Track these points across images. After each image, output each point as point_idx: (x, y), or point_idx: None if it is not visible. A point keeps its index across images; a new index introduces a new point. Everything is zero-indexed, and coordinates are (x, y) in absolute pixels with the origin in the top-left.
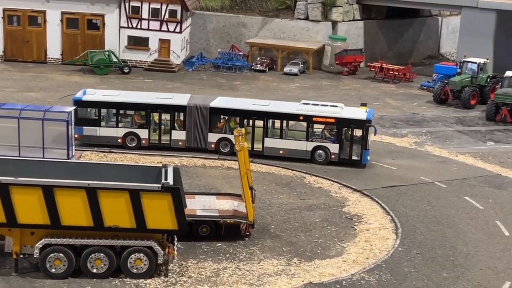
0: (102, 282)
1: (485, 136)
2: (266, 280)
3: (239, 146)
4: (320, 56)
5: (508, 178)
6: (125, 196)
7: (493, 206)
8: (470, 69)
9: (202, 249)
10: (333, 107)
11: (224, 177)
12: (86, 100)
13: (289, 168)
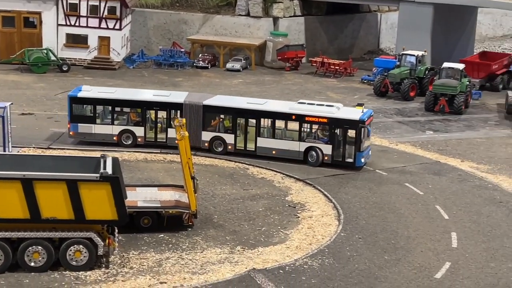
0: (40, 275)
1: (424, 126)
2: (209, 268)
3: (179, 135)
4: (262, 52)
5: (447, 165)
6: (63, 187)
7: (433, 191)
8: (409, 62)
9: (144, 240)
10: (328, 107)
11: (166, 170)
12: (81, 97)
13: (232, 160)
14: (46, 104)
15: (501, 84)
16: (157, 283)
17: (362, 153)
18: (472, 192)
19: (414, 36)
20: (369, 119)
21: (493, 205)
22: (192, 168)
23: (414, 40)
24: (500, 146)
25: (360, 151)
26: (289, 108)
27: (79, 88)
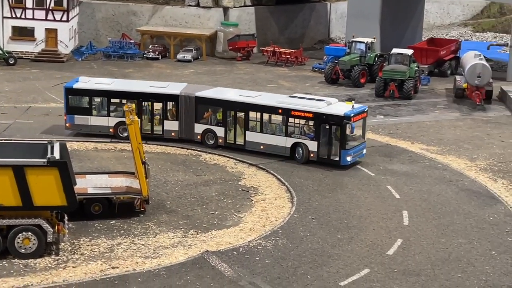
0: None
1: (375, 111)
2: (162, 252)
3: (129, 120)
4: (213, 42)
5: (398, 147)
6: (9, 173)
7: (384, 172)
8: (359, 49)
9: (95, 227)
10: (317, 101)
11: (117, 158)
12: (77, 88)
13: (185, 148)
14: None
15: (449, 69)
16: (109, 268)
17: (348, 151)
18: (422, 172)
19: (363, 24)
20: (358, 116)
21: (443, 184)
22: (143, 153)
23: (363, 28)
24: (449, 128)
25: (345, 149)
26: (276, 101)
27: (77, 79)
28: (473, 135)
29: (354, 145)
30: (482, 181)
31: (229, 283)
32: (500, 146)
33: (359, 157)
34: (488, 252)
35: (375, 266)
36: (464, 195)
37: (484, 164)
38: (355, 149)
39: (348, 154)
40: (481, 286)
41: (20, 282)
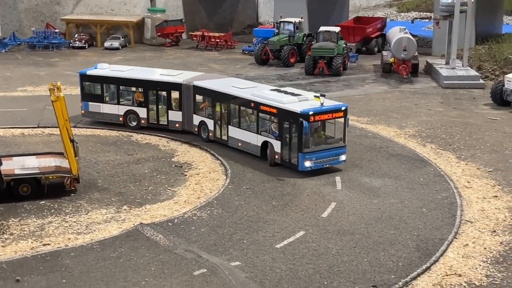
0: None
1: (306, 88)
2: (95, 228)
3: (54, 96)
4: (141, 29)
5: None
6: None
7: None
8: (287, 29)
9: (24, 208)
10: (292, 96)
11: (45, 143)
12: (90, 74)
13: (115, 129)
14: None
15: (376, 47)
16: (40, 245)
17: (307, 154)
18: (353, 141)
19: (290, 6)
20: (323, 115)
21: (374, 151)
22: (71, 130)
23: (291, 9)
24: (378, 100)
25: (303, 152)
26: (251, 94)
27: (96, 66)
28: (401, 105)
29: (321, 149)
30: (411, 147)
31: (164, 252)
32: (427, 114)
33: (332, 163)
34: (419, 209)
35: (310, 228)
36: (394, 160)
37: (412, 131)
38: (321, 154)
39: (307, 158)
40: (414, 241)
41: None
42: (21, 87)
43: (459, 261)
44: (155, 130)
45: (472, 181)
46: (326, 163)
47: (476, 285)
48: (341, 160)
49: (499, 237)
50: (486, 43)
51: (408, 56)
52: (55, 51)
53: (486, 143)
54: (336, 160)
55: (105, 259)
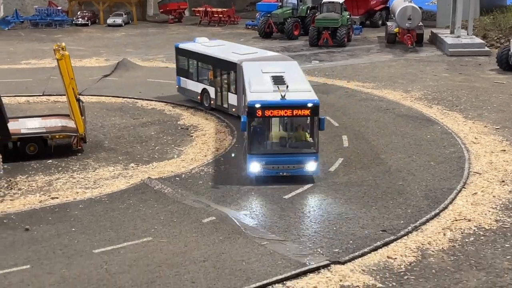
0: None
1: (310, 58)
2: (103, 183)
3: (59, 55)
4: (143, 6)
5: (334, 85)
6: None
7: (322, 106)
8: (291, 3)
9: (31, 166)
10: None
11: (50, 109)
12: (181, 48)
13: (120, 96)
14: None
15: (380, 20)
16: (49, 198)
17: (256, 156)
18: (359, 104)
19: None
20: (278, 110)
21: (380, 112)
22: (76, 89)
23: None
24: (383, 68)
25: (252, 153)
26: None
27: (195, 40)
28: (407, 72)
29: (275, 152)
30: (418, 108)
31: (173, 203)
32: (433, 79)
33: (293, 172)
34: (427, 163)
35: (317, 181)
36: (401, 120)
37: (418, 94)
38: (275, 159)
39: (255, 161)
40: (422, 190)
41: None
42: (25, 60)
43: (468, 208)
44: (177, 100)
45: (479, 137)
46: (282, 171)
47: (485, 228)
48: (309, 170)
49: (508, 186)
50: (490, 13)
51: (413, 25)
52: (58, 28)
53: (492, 104)
54: (299, 169)
55: (113, 210)
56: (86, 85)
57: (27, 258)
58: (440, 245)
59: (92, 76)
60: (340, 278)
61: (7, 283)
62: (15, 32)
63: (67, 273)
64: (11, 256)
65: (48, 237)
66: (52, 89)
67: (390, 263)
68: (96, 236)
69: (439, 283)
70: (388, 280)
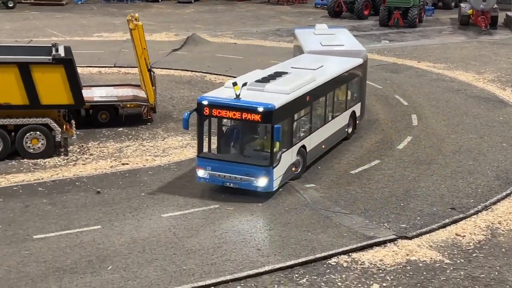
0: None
1: (380, 38)
2: (171, 152)
3: (133, 25)
4: None
5: (404, 65)
6: (14, 71)
7: (391, 85)
8: None
9: (102, 133)
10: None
11: (121, 80)
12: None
13: (189, 70)
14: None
15: (453, 1)
16: (119, 164)
17: (201, 160)
18: (430, 84)
19: None
20: (227, 111)
21: (451, 93)
22: (148, 59)
23: None
24: (455, 49)
25: (199, 156)
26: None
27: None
28: (480, 54)
29: (223, 159)
30: (490, 90)
31: None
32: (507, 62)
33: (240, 185)
34: (499, 144)
35: (385, 158)
36: (473, 101)
37: (492, 76)
38: (221, 166)
39: (201, 166)
40: (493, 171)
41: (31, 177)
42: (97, 33)
43: None
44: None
45: None
46: (229, 181)
47: None
48: (258, 185)
49: None
50: None
51: (488, 7)
52: (129, 3)
53: None
54: (248, 183)
55: (181, 178)
56: (156, 58)
57: (98, 219)
58: (510, 225)
59: (162, 50)
60: (407, 252)
61: (79, 242)
62: (88, 6)
63: (136, 234)
64: (83, 217)
65: (119, 200)
66: (123, 61)
67: (459, 241)
68: (165, 201)
69: (509, 262)
70: (456, 257)
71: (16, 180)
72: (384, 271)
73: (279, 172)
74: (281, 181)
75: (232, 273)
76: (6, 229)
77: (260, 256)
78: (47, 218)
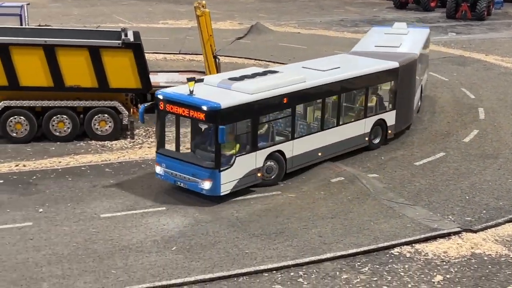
0: (66, 144)
1: (447, 30)
2: None
3: (200, 11)
4: None
5: (471, 58)
6: (85, 54)
7: (458, 78)
8: None
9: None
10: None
11: (186, 66)
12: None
13: (252, 58)
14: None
15: None
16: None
17: (158, 156)
18: (498, 78)
19: None
20: (178, 107)
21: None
22: (214, 46)
23: None
24: None
25: (158, 151)
26: None
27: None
28: None
29: (176, 157)
30: None
31: None
32: None
33: (188, 186)
34: None
35: (450, 150)
36: None
37: None
38: (173, 164)
39: (159, 160)
40: None
41: (98, 158)
42: (163, 20)
43: None
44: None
45: None
46: (180, 181)
47: None
48: (203, 187)
49: None
50: None
51: None
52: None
53: None
54: (195, 184)
55: None
56: (220, 46)
57: (164, 201)
58: None
59: (226, 38)
60: (472, 245)
61: (144, 222)
62: None
63: (200, 217)
64: (148, 198)
65: None
66: (188, 48)
67: None
68: None
69: None
70: None
71: (84, 160)
72: (448, 263)
73: (231, 176)
74: (236, 186)
75: (294, 259)
76: (75, 207)
77: (322, 243)
78: (113, 198)
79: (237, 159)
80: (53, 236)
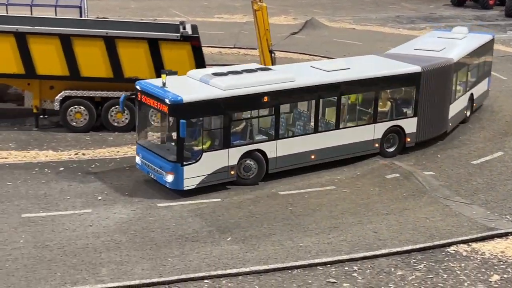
0: (124, 134)
1: (505, 28)
2: None
3: (257, 5)
4: None
5: None
6: (144, 46)
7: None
8: None
9: None
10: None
11: (240, 60)
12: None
13: (307, 53)
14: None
15: None
16: None
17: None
18: None
19: None
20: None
21: None
22: (270, 40)
23: None
24: None
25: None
26: None
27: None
28: None
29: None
30: None
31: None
32: None
33: (157, 177)
34: None
35: (509, 150)
36: None
37: None
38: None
39: (137, 150)
40: None
41: None
42: (218, 15)
43: None
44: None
45: None
46: (151, 172)
47: None
48: (166, 181)
49: None
50: None
51: None
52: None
53: None
54: (160, 176)
55: None
56: (275, 41)
57: (219, 193)
58: None
59: (281, 33)
60: None
61: (200, 212)
62: None
63: (255, 209)
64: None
65: None
66: (243, 43)
67: None
68: (282, 180)
69: None
70: None
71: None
72: (505, 263)
73: (197, 171)
74: (204, 182)
75: (349, 253)
76: (132, 196)
77: (376, 239)
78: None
79: (204, 155)
80: (111, 223)
